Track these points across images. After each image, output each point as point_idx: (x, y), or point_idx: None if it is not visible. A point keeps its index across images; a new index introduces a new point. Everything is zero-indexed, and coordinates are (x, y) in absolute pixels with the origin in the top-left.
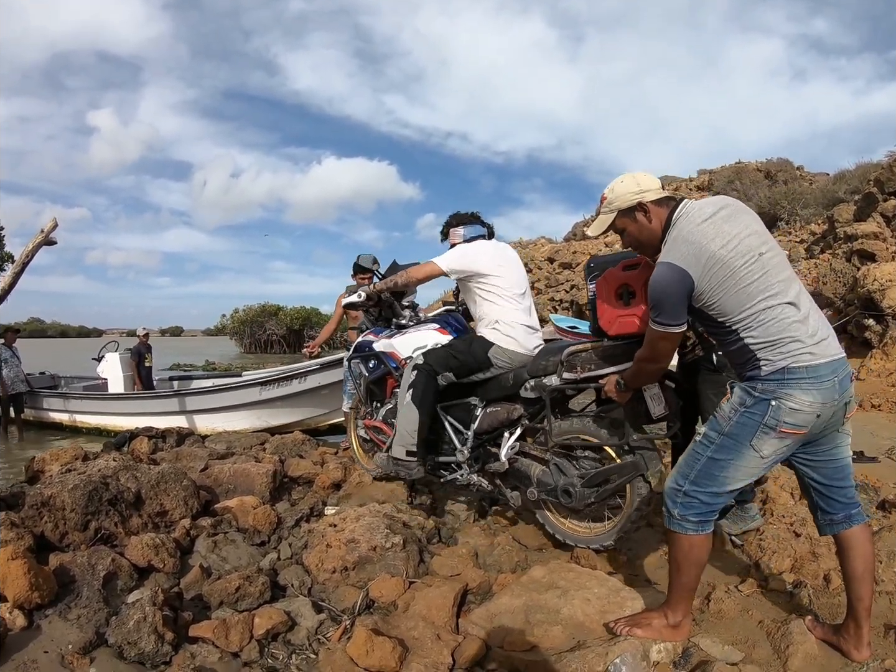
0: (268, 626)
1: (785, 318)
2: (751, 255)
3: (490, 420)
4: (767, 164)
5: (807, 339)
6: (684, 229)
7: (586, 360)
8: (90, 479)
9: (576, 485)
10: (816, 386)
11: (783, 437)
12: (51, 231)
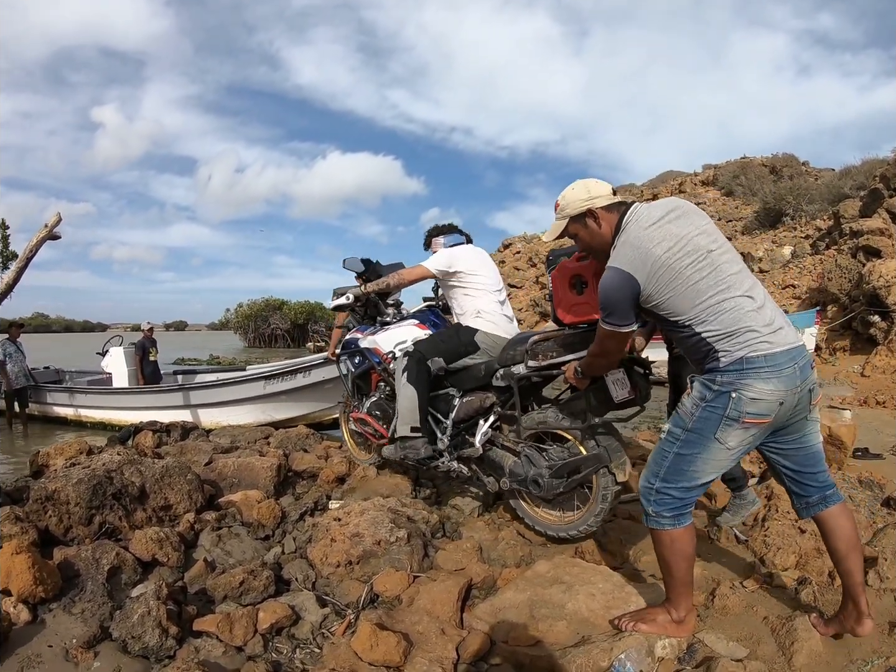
0: (272, 620)
1: (740, 309)
2: (699, 253)
3: (466, 409)
4: (773, 160)
5: (763, 328)
6: (631, 234)
7: (548, 348)
8: (94, 474)
9: (544, 475)
10: (776, 374)
11: (748, 428)
12: (54, 226)
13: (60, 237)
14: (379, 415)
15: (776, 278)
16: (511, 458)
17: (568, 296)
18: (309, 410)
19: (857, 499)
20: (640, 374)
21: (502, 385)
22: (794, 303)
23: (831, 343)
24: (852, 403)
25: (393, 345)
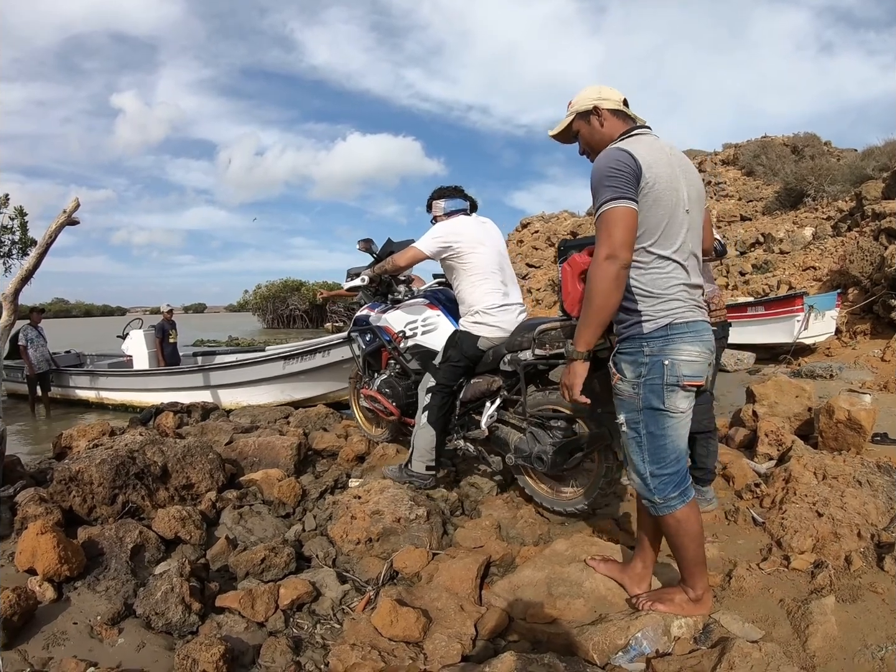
0: (293, 596)
1: (677, 276)
2: (682, 206)
3: (473, 391)
4: (794, 139)
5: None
6: (644, 141)
7: (555, 337)
8: (117, 454)
9: (548, 452)
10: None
11: (689, 389)
12: (73, 211)
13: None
14: (389, 392)
15: (797, 260)
16: (517, 435)
17: (577, 289)
18: (328, 390)
19: (876, 484)
20: None
21: (509, 370)
22: (814, 285)
23: (852, 326)
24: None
25: (403, 324)
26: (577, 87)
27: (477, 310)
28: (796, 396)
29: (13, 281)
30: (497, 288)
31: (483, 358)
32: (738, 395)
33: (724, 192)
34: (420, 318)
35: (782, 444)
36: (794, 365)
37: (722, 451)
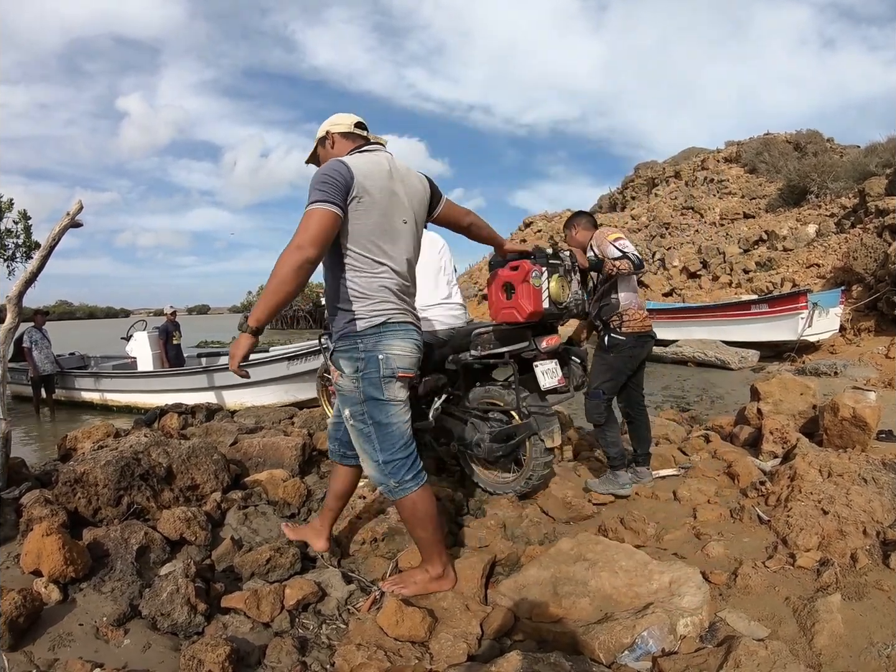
0: (298, 596)
1: (389, 280)
2: (399, 216)
3: (424, 388)
4: (797, 136)
5: (399, 302)
6: (366, 157)
7: (487, 340)
8: (122, 455)
9: (485, 439)
10: (408, 338)
11: (404, 380)
12: (76, 214)
13: (82, 225)
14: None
15: (800, 257)
16: (460, 426)
17: (500, 298)
18: None
19: (881, 481)
20: (575, 363)
21: (453, 368)
22: (818, 282)
23: (856, 323)
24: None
25: None
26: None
27: (421, 308)
28: (801, 394)
29: (17, 283)
30: (436, 288)
31: (430, 356)
32: (742, 394)
33: (727, 189)
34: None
35: (787, 441)
36: (798, 362)
37: (726, 449)
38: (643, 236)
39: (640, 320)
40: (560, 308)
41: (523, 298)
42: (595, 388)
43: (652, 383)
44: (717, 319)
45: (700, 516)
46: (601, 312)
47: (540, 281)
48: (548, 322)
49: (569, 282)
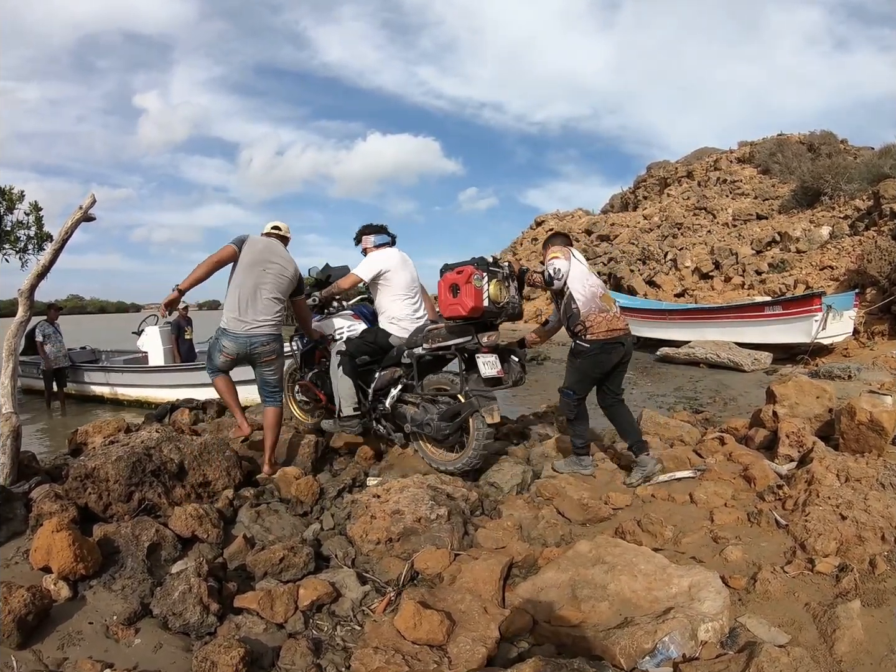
0: (313, 597)
1: (241, 302)
2: (259, 270)
3: (382, 381)
4: (810, 137)
5: (240, 318)
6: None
7: (436, 335)
8: (133, 451)
9: (434, 419)
10: (232, 339)
11: (224, 356)
12: (89, 207)
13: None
14: (319, 383)
15: (813, 259)
16: (412, 409)
17: (448, 297)
18: None
19: None
20: (514, 361)
21: (408, 361)
22: (832, 285)
23: (870, 327)
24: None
25: (333, 329)
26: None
27: (392, 316)
28: (817, 397)
29: (29, 277)
30: (408, 304)
31: (389, 353)
32: (755, 396)
33: (740, 190)
34: (346, 325)
35: (803, 445)
36: (811, 365)
37: (742, 452)
38: (655, 236)
39: (604, 327)
40: (498, 307)
41: (466, 297)
42: (565, 388)
43: (664, 384)
44: (730, 321)
45: (717, 520)
46: (569, 322)
47: (481, 283)
48: (488, 321)
49: (506, 287)
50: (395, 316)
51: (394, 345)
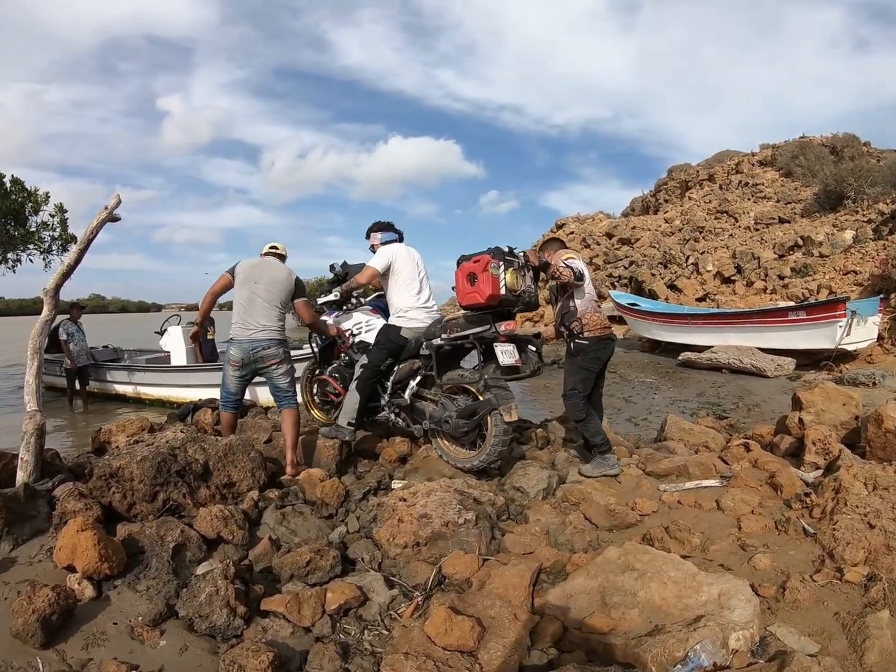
0: (340, 601)
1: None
2: (251, 283)
3: (401, 373)
4: (833, 139)
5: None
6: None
7: (455, 325)
8: (158, 451)
9: (452, 416)
10: (237, 346)
11: (233, 366)
12: (114, 208)
13: (120, 219)
14: (337, 377)
15: (837, 263)
16: (431, 406)
17: (465, 286)
18: None
19: None
20: (531, 351)
21: (426, 353)
22: (855, 290)
23: (894, 333)
24: None
25: (352, 325)
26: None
27: (399, 308)
28: (843, 404)
29: (54, 276)
30: (416, 294)
31: (406, 346)
32: (779, 402)
33: (762, 193)
34: (364, 321)
35: (829, 453)
36: (835, 371)
37: (767, 459)
38: (676, 240)
39: (599, 325)
40: (515, 296)
41: (483, 285)
42: (571, 390)
43: (686, 390)
44: (753, 326)
45: (745, 527)
46: (563, 320)
47: (498, 271)
48: (505, 310)
49: (522, 276)
50: (402, 307)
51: (407, 338)
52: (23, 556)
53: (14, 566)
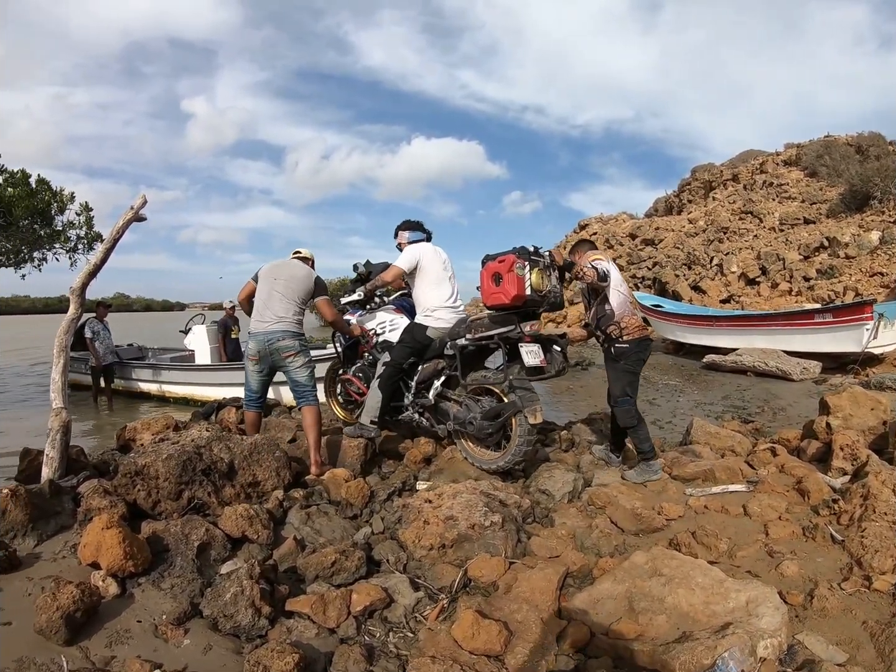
0: (366, 602)
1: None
2: (270, 280)
3: (424, 373)
4: (858, 139)
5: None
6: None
7: (479, 325)
8: (184, 450)
9: (477, 417)
10: (253, 338)
11: (251, 360)
12: (140, 208)
13: (146, 219)
14: (361, 376)
15: (863, 265)
16: (455, 407)
17: (490, 286)
18: None
19: None
20: (556, 351)
21: (451, 353)
22: (882, 291)
23: None
24: None
25: (376, 324)
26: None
27: (427, 308)
28: (871, 409)
29: (80, 275)
30: (443, 293)
31: (431, 346)
32: (804, 406)
33: (787, 193)
34: (388, 320)
35: (857, 458)
36: (861, 375)
37: (794, 464)
38: (701, 241)
39: (638, 327)
40: (540, 296)
41: (508, 285)
42: (622, 396)
43: (711, 392)
44: (778, 328)
45: (772, 533)
46: (600, 323)
47: (523, 272)
48: (530, 310)
49: (548, 275)
50: (429, 307)
51: (432, 337)
52: (47, 552)
53: (38, 562)
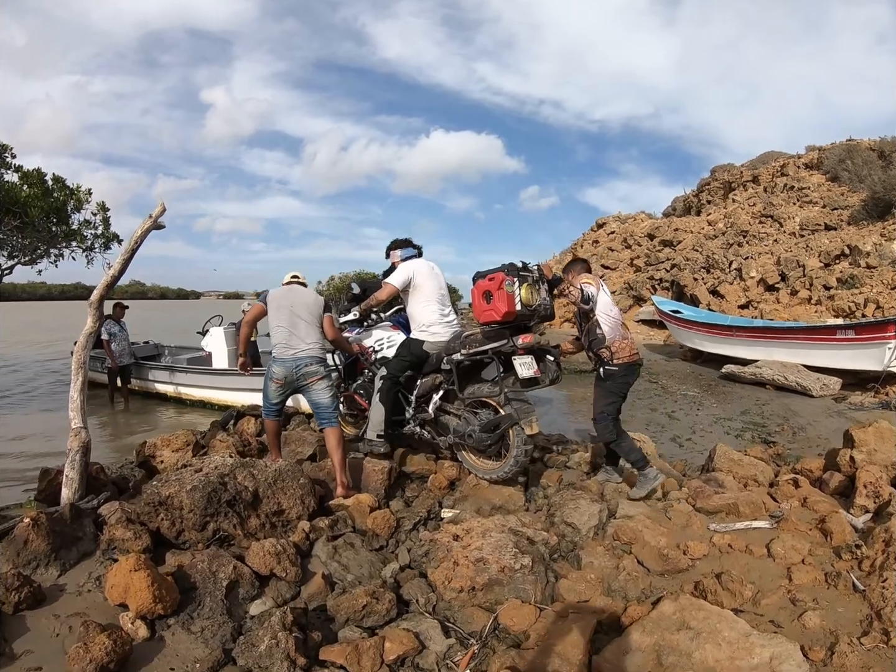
0: (399, 651)
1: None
2: (287, 308)
3: (423, 387)
4: (881, 143)
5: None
6: (283, 288)
7: (473, 340)
8: (209, 480)
9: (476, 430)
10: (280, 364)
11: (275, 383)
12: (159, 216)
13: (164, 226)
14: (363, 393)
15: (885, 276)
16: (455, 420)
17: (481, 304)
18: None
19: None
20: (549, 361)
21: (447, 368)
22: None
23: None
24: None
25: (374, 341)
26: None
27: (422, 323)
28: None
29: (98, 287)
30: (437, 309)
31: (428, 360)
32: (824, 426)
33: (808, 198)
34: (386, 337)
35: (880, 496)
36: (881, 394)
37: (817, 498)
38: (720, 243)
39: (627, 352)
40: (531, 310)
41: (499, 302)
42: (600, 413)
43: (730, 406)
44: (799, 342)
45: (795, 578)
46: (592, 346)
47: (512, 288)
48: (522, 323)
49: (537, 289)
50: (425, 322)
51: (429, 352)
52: (71, 585)
53: (63, 595)
